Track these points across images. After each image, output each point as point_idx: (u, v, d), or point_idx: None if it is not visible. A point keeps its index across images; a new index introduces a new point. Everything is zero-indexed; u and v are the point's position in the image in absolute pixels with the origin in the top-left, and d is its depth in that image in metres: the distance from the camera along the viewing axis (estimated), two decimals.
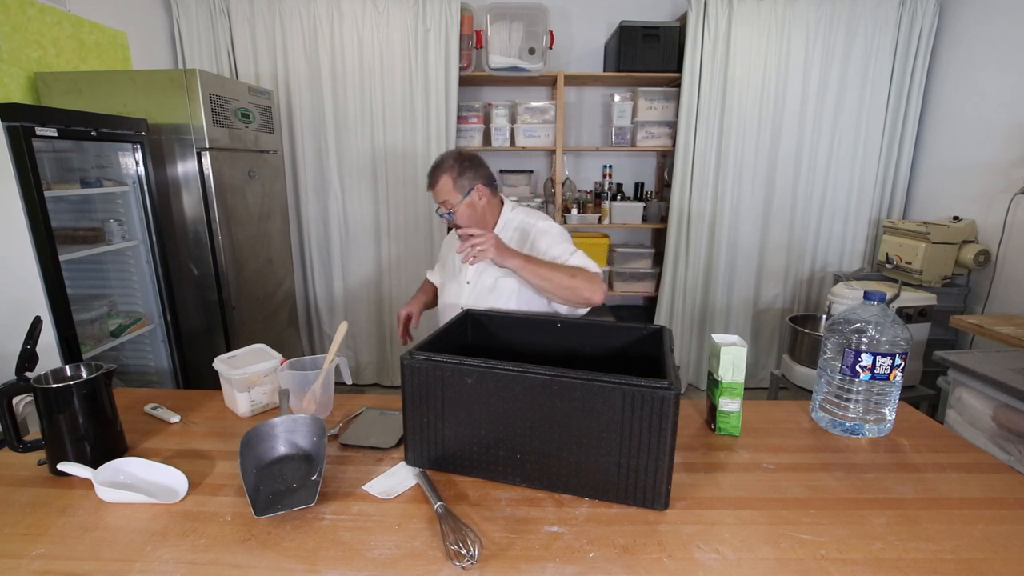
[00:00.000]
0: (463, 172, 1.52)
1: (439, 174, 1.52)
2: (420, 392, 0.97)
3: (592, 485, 0.92)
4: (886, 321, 1.12)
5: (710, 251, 3.12)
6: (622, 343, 1.25)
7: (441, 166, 1.53)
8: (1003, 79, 2.48)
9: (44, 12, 2.11)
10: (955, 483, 0.99)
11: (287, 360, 1.28)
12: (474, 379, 0.94)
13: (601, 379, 0.87)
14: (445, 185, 1.51)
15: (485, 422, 0.95)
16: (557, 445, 0.92)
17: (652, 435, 0.86)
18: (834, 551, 0.80)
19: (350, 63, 2.88)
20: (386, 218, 3.10)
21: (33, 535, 0.84)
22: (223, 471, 1.02)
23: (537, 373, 0.90)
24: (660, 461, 0.87)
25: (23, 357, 1.15)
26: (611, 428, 0.88)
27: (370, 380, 3.34)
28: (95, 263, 2.14)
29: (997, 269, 2.46)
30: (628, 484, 0.90)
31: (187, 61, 2.84)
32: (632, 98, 3.09)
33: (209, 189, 2.22)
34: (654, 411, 0.85)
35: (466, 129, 3.08)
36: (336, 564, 0.78)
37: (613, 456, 0.89)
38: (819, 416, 1.22)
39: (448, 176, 1.51)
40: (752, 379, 3.27)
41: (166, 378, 2.28)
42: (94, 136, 1.84)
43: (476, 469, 0.99)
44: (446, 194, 1.52)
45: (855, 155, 3.00)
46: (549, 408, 0.91)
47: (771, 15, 2.82)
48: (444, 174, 1.52)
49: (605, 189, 3.27)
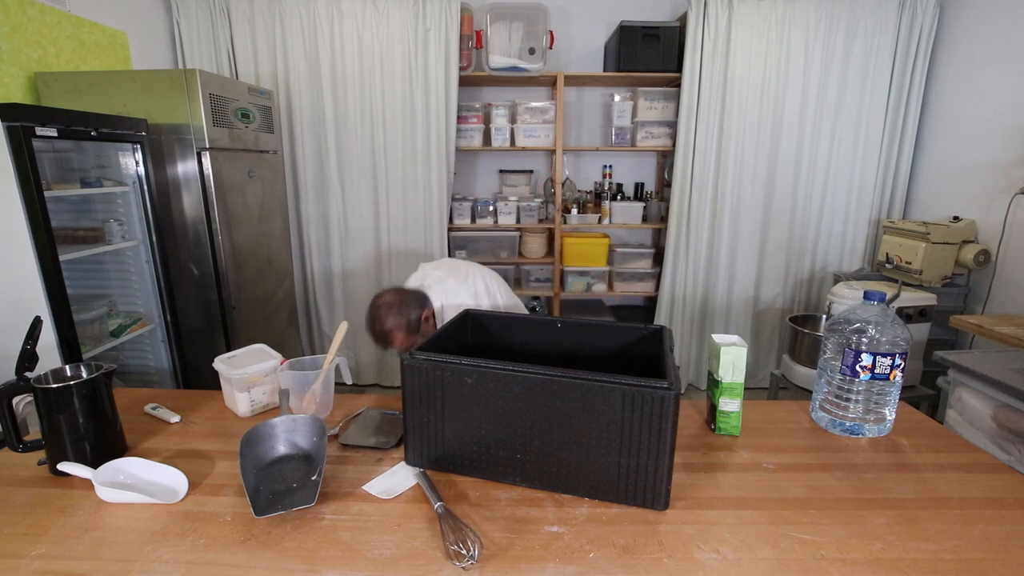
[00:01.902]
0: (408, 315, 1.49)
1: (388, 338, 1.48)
2: (420, 392, 0.97)
3: (592, 485, 0.92)
4: (886, 321, 1.12)
5: (710, 251, 3.12)
6: (622, 343, 1.25)
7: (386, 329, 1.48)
8: (1003, 79, 2.48)
9: (44, 12, 2.11)
10: (955, 483, 0.99)
11: (287, 360, 1.28)
12: (474, 379, 0.94)
13: (601, 379, 0.88)
14: (400, 337, 1.49)
15: (485, 422, 0.95)
16: (557, 445, 0.92)
17: (652, 435, 0.86)
18: (834, 551, 0.80)
19: (350, 63, 2.88)
20: (386, 218, 3.09)
21: (33, 535, 0.84)
22: (223, 471, 1.02)
23: (537, 373, 0.90)
24: (660, 461, 0.87)
25: (23, 357, 1.15)
26: (611, 428, 0.88)
27: (370, 380, 3.34)
28: (95, 263, 2.14)
29: (997, 269, 2.46)
30: (628, 484, 0.90)
31: (187, 61, 2.84)
32: (632, 98, 3.09)
33: (209, 189, 2.22)
34: (654, 411, 0.85)
35: (466, 129, 3.08)
36: (336, 564, 0.78)
37: (613, 456, 0.89)
38: (819, 416, 1.22)
39: (401, 332, 1.49)
40: (752, 379, 3.27)
41: (166, 378, 2.28)
42: (94, 136, 1.84)
43: (476, 469, 0.99)
44: (404, 341, 1.49)
45: (855, 155, 3.00)
46: (549, 408, 0.91)
47: (771, 15, 2.82)
48: (394, 334, 1.48)
49: (605, 189, 3.27)
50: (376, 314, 1.50)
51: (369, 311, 1.51)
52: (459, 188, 3.35)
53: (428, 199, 3.04)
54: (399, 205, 3.07)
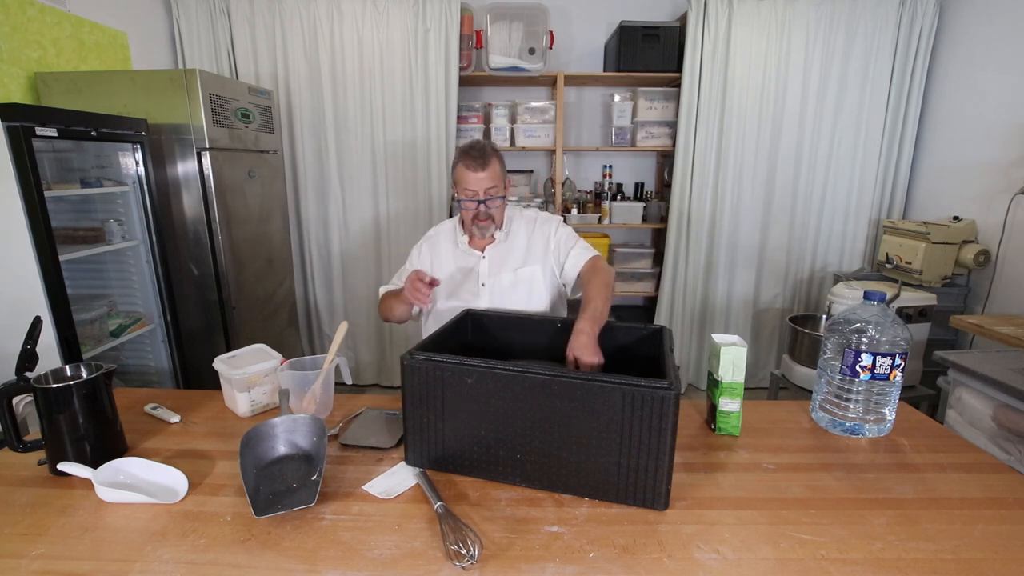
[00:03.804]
0: (502, 161, 1.51)
1: (491, 157, 1.46)
2: (420, 392, 0.97)
3: (592, 485, 0.92)
4: (886, 321, 1.12)
5: (710, 251, 3.12)
6: (622, 343, 1.26)
7: (489, 149, 1.48)
8: (1003, 79, 2.48)
9: (44, 12, 2.11)
10: (955, 483, 0.99)
11: (287, 360, 1.28)
12: (474, 379, 0.94)
13: (601, 379, 0.88)
14: (495, 169, 1.47)
15: (485, 422, 0.95)
16: (557, 445, 0.92)
17: (652, 435, 0.86)
18: (834, 551, 0.80)
19: (350, 63, 2.88)
20: (386, 218, 3.09)
21: (33, 535, 0.84)
22: (223, 471, 1.02)
23: (537, 373, 0.90)
24: (660, 461, 0.87)
25: (23, 357, 1.15)
26: (611, 428, 0.88)
27: (370, 380, 3.34)
28: (95, 263, 2.14)
29: (997, 269, 2.46)
30: (628, 484, 0.90)
31: (187, 61, 2.84)
32: (632, 98, 3.09)
33: (209, 189, 2.22)
34: (654, 411, 0.85)
35: (466, 129, 3.08)
36: (336, 564, 0.78)
37: (613, 456, 0.89)
38: (819, 416, 1.22)
39: (498, 160, 1.48)
40: (752, 379, 3.27)
41: (166, 378, 2.28)
42: (94, 136, 1.84)
43: (476, 469, 0.99)
44: (494, 179, 1.47)
45: (855, 155, 3.00)
46: (549, 408, 0.91)
47: (771, 15, 2.82)
48: (495, 158, 1.47)
49: (605, 189, 3.27)
50: (478, 139, 1.55)
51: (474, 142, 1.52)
52: None
53: (428, 199, 3.04)
54: (399, 205, 3.07)
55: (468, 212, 1.51)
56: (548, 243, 1.57)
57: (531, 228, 1.59)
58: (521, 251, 1.57)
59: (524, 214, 1.63)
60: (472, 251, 1.57)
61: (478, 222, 1.51)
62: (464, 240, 1.57)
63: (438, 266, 1.59)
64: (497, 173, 1.48)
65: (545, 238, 1.58)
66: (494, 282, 1.55)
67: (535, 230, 1.59)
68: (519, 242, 1.58)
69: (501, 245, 1.57)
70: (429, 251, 1.63)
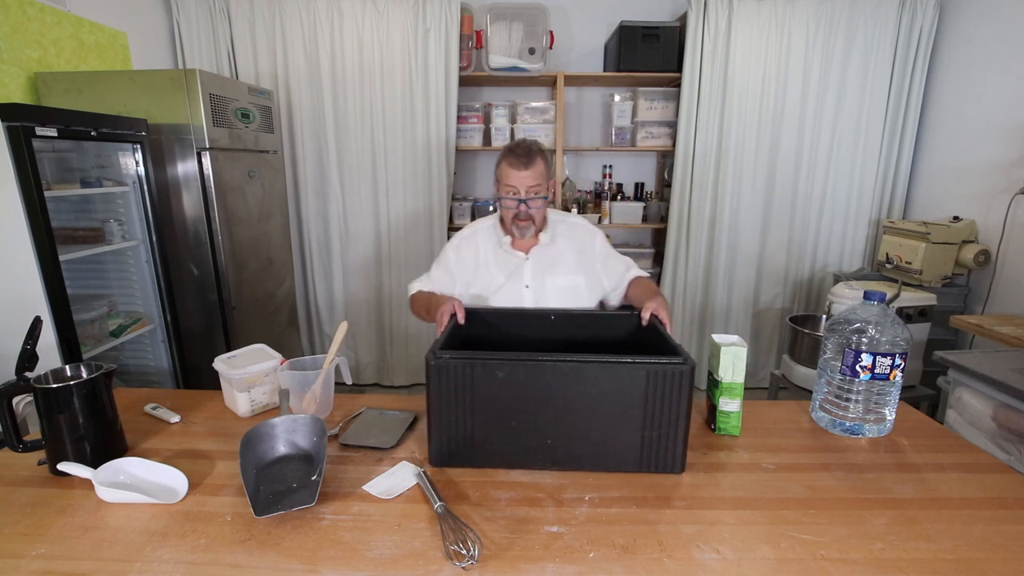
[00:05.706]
0: (547, 162, 1.49)
1: (536, 156, 1.46)
2: (448, 391, 0.99)
3: (618, 459, 0.99)
4: (886, 321, 1.12)
5: (710, 251, 3.12)
6: (615, 332, 1.31)
7: (535, 148, 1.47)
8: (1003, 79, 2.48)
9: (44, 12, 2.11)
10: (955, 483, 0.99)
11: (287, 360, 1.28)
12: (505, 372, 0.97)
13: (627, 360, 0.96)
14: (539, 168, 1.46)
15: (517, 412, 0.99)
16: (587, 426, 0.98)
17: (671, 406, 0.97)
18: (834, 551, 0.80)
19: (350, 63, 2.88)
20: (386, 218, 3.09)
21: (33, 535, 0.84)
22: (223, 471, 1.02)
23: (568, 360, 0.96)
24: (679, 429, 0.98)
25: (23, 357, 1.15)
26: (636, 404, 0.98)
27: (370, 380, 3.34)
28: (95, 263, 2.13)
29: (997, 269, 2.46)
30: (651, 454, 0.98)
31: (187, 61, 2.84)
32: (632, 98, 3.09)
33: (209, 189, 2.22)
34: (673, 385, 0.96)
35: (466, 129, 3.08)
36: (336, 564, 0.78)
37: (637, 430, 0.98)
38: (819, 416, 1.22)
39: (543, 160, 1.47)
40: (752, 379, 3.27)
41: (166, 378, 2.28)
42: (94, 136, 1.84)
43: (506, 460, 1.02)
44: (538, 178, 1.46)
45: (855, 155, 3.00)
46: (579, 392, 0.97)
47: (771, 15, 2.82)
48: (540, 157, 1.46)
49: (605, 189, 3.27)
50: (524, 138, 1.55)
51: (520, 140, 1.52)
52: (459, 188, 3.35)
53: (428, 199, 3.04)
54: (399, 205, 3.07)
55: (508, 211, 1.50)
56: (594, 256, 1.57)
57: (576, 235, 1.58)
58: (567, 258, 1.55)
59: (567, 219, 1.61)
60: (515, 252, 1.55)
61: (518, 222, 1.49)
62: (507, 241, 1.55)
63: (483, 268, 1.57)
64: (541, 172, 1.46)
65: (591, 250, 1.57)
66: (539, 285, 1.53)
67: (580, 238, 1.58)
68: (564, 247, 1.56)
69: (547, 248, 1.55)
70: (472, 253, 1.58)
